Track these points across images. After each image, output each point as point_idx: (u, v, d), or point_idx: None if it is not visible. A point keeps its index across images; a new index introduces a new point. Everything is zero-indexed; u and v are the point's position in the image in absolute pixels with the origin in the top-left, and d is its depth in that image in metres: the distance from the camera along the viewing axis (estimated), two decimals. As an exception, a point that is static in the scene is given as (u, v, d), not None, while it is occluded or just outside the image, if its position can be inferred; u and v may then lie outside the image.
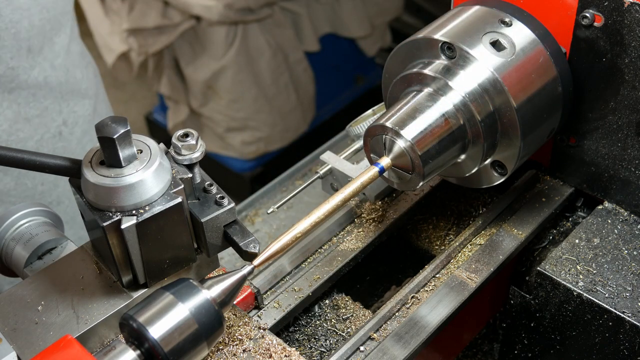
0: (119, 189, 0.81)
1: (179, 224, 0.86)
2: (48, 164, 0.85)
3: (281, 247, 0.88)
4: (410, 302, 1.07)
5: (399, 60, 1.07)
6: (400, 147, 0.97)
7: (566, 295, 1.06)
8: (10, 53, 1.35)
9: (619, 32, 1.00)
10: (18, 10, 1.32)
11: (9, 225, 1.02)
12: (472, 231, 1.15)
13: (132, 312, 0.81)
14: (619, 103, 1.06)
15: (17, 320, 0.88)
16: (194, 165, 0.89)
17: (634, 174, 1.10)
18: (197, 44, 2.80)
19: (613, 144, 1.10)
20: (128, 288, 0.90)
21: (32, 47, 1.38)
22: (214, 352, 0.94)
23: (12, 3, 1.31)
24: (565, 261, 1.08)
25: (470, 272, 1.09)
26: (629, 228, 1.12)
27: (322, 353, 1.08)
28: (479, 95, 0.99)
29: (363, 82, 3.30)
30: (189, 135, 0.89)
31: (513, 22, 1.03)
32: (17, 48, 1.36)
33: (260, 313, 1.06)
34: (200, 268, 0.96)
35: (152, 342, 0.79)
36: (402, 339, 1.01)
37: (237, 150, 3.01)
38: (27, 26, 1.35)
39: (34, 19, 1.36)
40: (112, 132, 0.80)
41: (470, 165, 1.05)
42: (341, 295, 1.16)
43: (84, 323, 0.87)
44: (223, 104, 2.88)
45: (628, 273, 1.06)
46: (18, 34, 1.34)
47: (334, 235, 1.17)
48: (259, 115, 2.90)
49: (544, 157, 1.21)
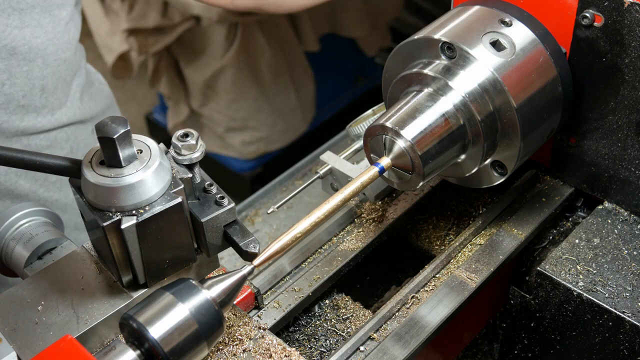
0: (119, 189, 0.81)
1: (179, 224, 0.86)
2: (48, 164, 0.85)
3: (281, 247, 0.88)
4: (410, 302, 1.07)
5: (399, 60, 1.07)
6: (400, 147, 0.97)
7: (566, 295, 1.06)
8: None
9: (619, 32, 1.00)
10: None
11: (9, 225, 1.02)
12: (472, 231, 1.15)
13: (132, 312, 0.81)
14: (619, 103, 1.06)
15: (17, 320, 0.88)
16: (194, 165, 0.89)
17: (634, 174, 1.10)
18: (197, 44, 2.80)
19: (613, 144, 1.10)
20: (128, 288, 0.90)
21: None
22: (214, 352, 0.94)
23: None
24: (565, 261, 1.08)
25: (470, 272, 1.09)
26: (629, 228, 1.12)
27: (322, 353, 1.08)
28: (479, 95, 0.99)
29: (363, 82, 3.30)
30: (189, 135, 0.89)
31: (513, 22, 1.03)
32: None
33: (260, 313, 1.06)
34: (200, 268, 0.96)
35: (152, 342, 0.79)
36: (402, 339, 1.01)
37: (237, 150, 3.01)
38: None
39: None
40: (112, 132, 0.80)
41: (470, 165, 1.05)
42: (341, 295, 1.16)
43: (84, 323, 0.87)
44: (223, 104, 2.87)
45: (628, 273, 1.06)
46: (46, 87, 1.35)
47: (334, 235, 1.17)
48: (259, 115, 2.90)
49: (544, 157, 1.21)
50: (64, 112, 1.42)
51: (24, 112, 1.35)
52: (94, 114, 1.52)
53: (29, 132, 1.37)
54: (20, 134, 1.36)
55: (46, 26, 1.30)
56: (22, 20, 1.26)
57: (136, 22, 2.75)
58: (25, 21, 1.27)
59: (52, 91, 1.37)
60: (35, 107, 1.36)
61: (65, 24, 1.35)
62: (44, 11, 1.29)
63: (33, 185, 1.41)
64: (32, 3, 1.27)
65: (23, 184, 1.40)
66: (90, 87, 1.54)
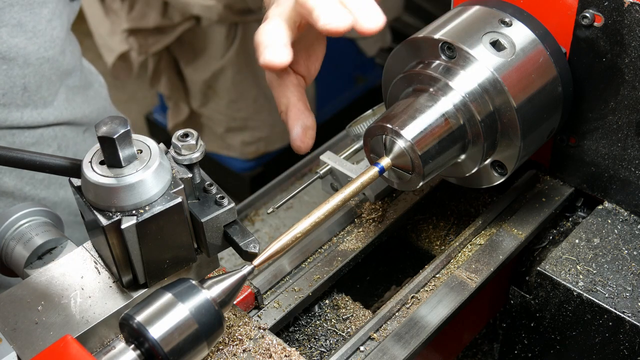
0: (119, 189, 0.81)
1: (179, 224, 0.86)
2: (48, 163, 0.85)
3: (281, 247, 0.88)
4: (410, 302, 1.07)
5: (399, 60, 1.07)
6: (400, 147, 0.97)
7: (566, 295, 1.06)
8: None
9: (619, 32, 1.00)
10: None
11: (9, 225, 1.02)
12: (472, 231, 1.15)
13: (132, 312, 0.81)
14: (619, 103, 1.06)
15: (17, 320, 0.88)
16: (194, 165, 0.89)
17: (634, 174, 1.10)
18: (197, 44, 2.80)
19: (613, 144, 1.10)
20: (128, 288, 0.90)
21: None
22: (214, 352, 0.94)
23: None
24: (565, 261, 1.08)
25: (470, 272, 1.09)
26: (629, 228, 1.12)
27: (322, 353, 1.08)
28: (479, 95, 0.99)
29: (363, 82, 3.30)
30: (189, 135, 0.89)
31: (513, 22, 1.03)
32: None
33: (260, 313, 1.06)
34: (200, 268, 0.96)
35: (152, 342, 0.79)
36: (402, 339, 1.01)
37: (237, 150, 3.01)
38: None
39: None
40: (112, 132, 0.80)
41: (470, 165, 1.05)
42: (341, 295, 1.16)
43: (84, 323, 0.87)
44: (223, 104, 2.88)
45: (628, 273, 1.06)
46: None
47: (334, 235, 1.17)
48: (259, 115, 2.90)
49: (544, 157, 1.21)
50: (50, 112, 1.39)
51: (7, 111, 1.32)
52: (86, 115, 1.48)
53: (13, 128, 1.34)
54: (5, 129, 1.33)
55: (26, 24, 1.27)
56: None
57: (136, 22, 2.75)
58: (4, 20, 1.24)
59: (35, 90, 1.34)
60: (18, 105, 1.32)
61: (47, 22, 1.31)
62: (24, 9, 1.26)
63: (19, 182, 1.39)
64: (10, 2, 1.23)
65: (8, 181, 1.37)
66: (87, 89, 1.51)
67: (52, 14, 1.32)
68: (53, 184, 1.44)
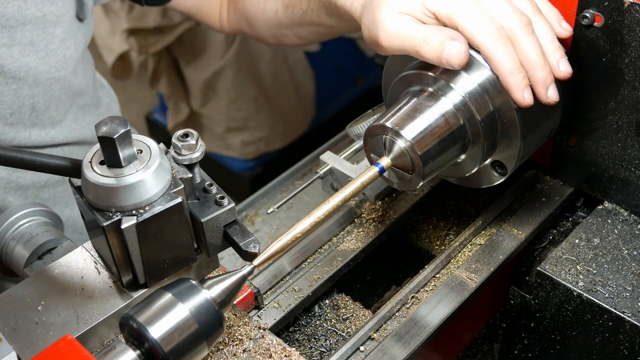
0: (119, 189, 0.81)
1: (179, 224, 0.86)
2: (48, 164, 0.85)
3: (281, 247, 0.88)
4: (410, 302, 1.07)
5: (399, 60, 1.07)
6: (400, 147, 0.97)
7: (566, 295, 1.06)
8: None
9: (619, 32, 1.00)
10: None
11: (9, 225, 1.02)
12: (472, 231, 1.15)
13: (132, 312, 0.81)
14: (619, 103, 1.06)
15: (17, 320, 0.88)
16: (194, 165, 0.89)
17: (634, 174, 1.10)
18: (197, 44, 2.80)
19: (613, 144, 1.10)
20: (128, 288, 0.90)
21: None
22: (214, 352, 0.94)
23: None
24: (565, 261, 1.08)
25: (470, 272, 1.09)
26: (629, 228, 1.12)
27: (322, 353, 1.08)
28: (479, 95, 0.99)
29: (363, 82, 3.29)
30: (189, 135, 0.89)
31: (513, 22, 1.03)
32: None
33: (260, 313, 1.06)
34: (200, 268, 0.96)
35: (152, 342, 0.79)
36: (402, 339, 1.01)
37: (237, 150, 3.01)
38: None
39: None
40: (112, 132, 0.80)
41: (470, 165, 1.05)
42: (341, 295, 1.16)
43: (84, 323, 0.87)
44: (223, 104, 2.88)
45: (628, 273, 1.06)
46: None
47: (334, 235, 1.17)
48: (259, 115, 2.90)
49: (544, 157, 1.21)
50: (59, 131, 1.37)
51: (15, 131, 1.30)
52: (95, 135, 1.46)
53: (21, 147, 1.31)
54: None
55: (38, 44, 1.24)
56: (11, 38, 1.21)
57: (136, 22, 2.75)
58: (15, 39, 1.21)
59: (44, 110, 1.31)
60: (25, 125, 1.30)
61: (60, 41, 1.28)
62: (36, 28, 1.23)
63: (24, 202, 1.33)
64: (22, 20, 1.21)
65: (12, 200, 1.35)
66: (97, 107, 1.48)
67: (66, 33, 1.30)
68: (58, 202, 1.42)
